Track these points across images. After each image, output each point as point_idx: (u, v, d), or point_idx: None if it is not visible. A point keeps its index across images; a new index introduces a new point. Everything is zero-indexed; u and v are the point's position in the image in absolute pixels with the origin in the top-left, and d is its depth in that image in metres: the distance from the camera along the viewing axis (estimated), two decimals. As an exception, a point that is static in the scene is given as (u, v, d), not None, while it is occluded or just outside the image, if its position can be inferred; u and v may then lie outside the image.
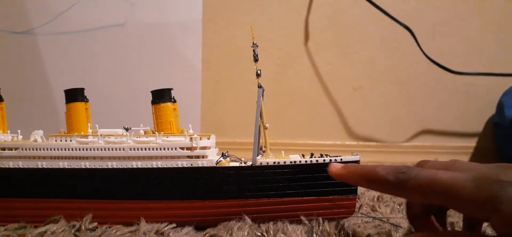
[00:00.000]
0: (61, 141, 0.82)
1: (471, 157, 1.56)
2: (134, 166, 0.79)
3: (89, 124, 0.87)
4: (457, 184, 0.48)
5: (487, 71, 1.51)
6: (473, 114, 1.56)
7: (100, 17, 1.41)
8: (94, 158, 0.80)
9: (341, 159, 0.78)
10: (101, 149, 0.80)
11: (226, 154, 0.84)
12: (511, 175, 0.47)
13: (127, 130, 0.85)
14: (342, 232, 0.70)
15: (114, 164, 0.79)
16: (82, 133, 0.84)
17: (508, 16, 1.54)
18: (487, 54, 1.55)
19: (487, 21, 1.54)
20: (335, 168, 0.62)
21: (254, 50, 0.83)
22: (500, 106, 1.42)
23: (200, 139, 0.80)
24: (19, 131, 0.88)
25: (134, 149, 0.79)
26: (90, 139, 0.82)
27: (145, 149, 0.79)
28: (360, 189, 1.01)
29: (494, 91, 1.48)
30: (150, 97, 0.86)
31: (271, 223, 0.74)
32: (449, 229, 0.67)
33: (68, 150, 0.81)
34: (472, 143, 1.57)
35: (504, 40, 1.55)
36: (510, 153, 1.35)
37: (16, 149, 0.82)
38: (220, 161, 0.79)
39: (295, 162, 0.78)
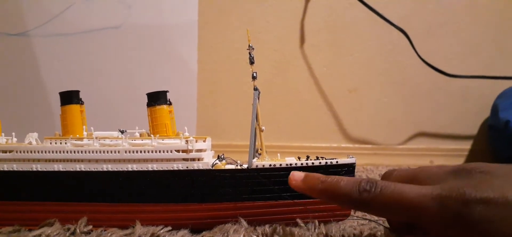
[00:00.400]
0: (56, 143, 0.81)
1: (466, 159, 1.57)
2: (130, 169, 0.79)
3: (84, 127, 0.87)
4: (421, 204, 0.46)
5: (482, 74, 1.52)
6: (468, 116, 1.57)
7: (96, 19, 1.40)
8: (89, 160, 0.80)
9: (337, 162, 0.78)
10: (96, 152, 0.80)
11: (222, 157, 0.84)
12: (478, 189, 0.44)
13: (122, 132, 0.85)
14: (337, 234, 0.70)
15: (109, 167, 0.79)
16: (77, 136, 0.83)
17: (503, 18, 1.55)
18: (482, 57, 1.56)
19: (482, 24, 1.55)
20: (294, 179, 0.57)
21: (250, 53, 0.83)
22: (495, 108, 1.43)
23: (196, 142, 0.79)
24: (13, 133, 0.87)
25: (129, 152, 0.79)
26: (85, 141, 0.82)
27: (141, 152, 0.79)
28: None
29: (489, 94, 1.49)
30: (146, 100, 0.86)
31: (267, 225, 0.74)
32: None
33: (63, 152, 0.80)
34: (467, 145, 1.58)
35: (499, 43, 1.56)
36: (505, 155, 1.36)
37: (10, 151, 0.81)
38: (216, 164, 0.79)
39: (291, 164, 0.78)
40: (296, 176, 0.57)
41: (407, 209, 0.47)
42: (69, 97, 0.86)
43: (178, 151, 0.79)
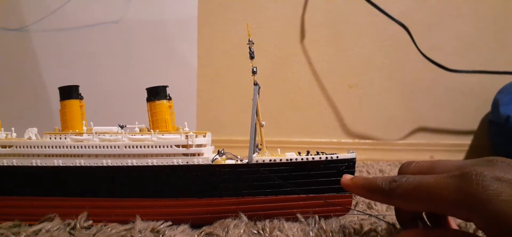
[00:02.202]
0: (55, 138, 0.81)
1: (466, 154, 1.57)
2: (129, 164, 0.78)
3: (84, 121, 0.86)
4: (439, 186, 0.48)
5: (483, 69, 1.52)
6: (468, 112, 1.57)
7: (95, 13, 1.40)
8: (89, 155, 0.79)
9: (337, 157, 0.78)
10: (96, 147, 0.79)
11: (222, 152, 0.84)
12: (496, 171, 0.46)
13: (122, 127, 0.84)
14: (338, 229, 0.70)
15: (109, 162, 0.79)
16: (77, 131, 0.83)
17: (503, 14, 1.55)
18: (482, 52, 1.55)
19: (482, 19, 1.55)
20: (345, 179, 0.65)
21: (250, 48, 0.83)
22: (495, 104, 1.43)
23: (196, 137, 0.79)
24: (13, 128, 0.87)
25: (129, 147, 0.79)
26: (85, 136, 0.81)
27: (141, 147, 0.79)
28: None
29: (490, 89, 1.49)
30: (145, 95, 0.86)
31: (267, 220, 0.74)
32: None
33: (63, 147, 0.80)
34: (467, 140, 1.58)
35: (499, 38, 1.55)
36: (505, 151, 1.36)
37: (10, 146, 0.81)
38: (216, 159, 0.79)
39: (291, 159, 0.77)
40: (347, 177, 0.65)
41: (425, 194, 0.50)
42: (69, 92, 0.86)
43: (178, 146, 0.79)
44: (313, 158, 0.77)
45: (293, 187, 0.77)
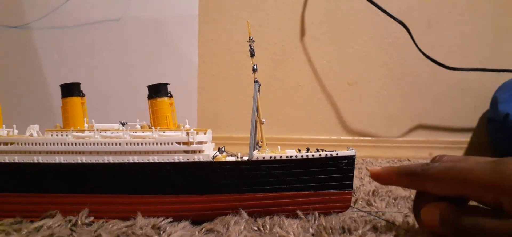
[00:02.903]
0: (57, 135, 0.81)
1: (465, 151, 1.58)
2: (131, 161, 0.79)
3: (85, 119, 0.87)
4: (473, 168, 0.53)
5: (482, 67, 1.52)
6: (467, 109, 1.57)
7: (96, 11, 1.40)
8: (90, 152, 0.80)
9: (336, 154, 0.78)
10: (97, 144, 0.80)
11: (223, 149, 0.84)
12: None
13: (123, 124, 0.85)
14: (337, 226, 0.71)
15: (111, 159, 0.79)
16: (78, 128, 0.84)
17: (503, 12, 1.55)
18: (481, 50, 1.56)
19: (482, 17, 1.55)
20: (375, 169, 0.67)
21: (250, 45, 0.83)
22: (494, 101, 1.43)
23: (197, 134, 0.80)
24: (14, 125, 0.87)
25: (130, 144, 0.79)
26: (86, 133, 0.82)
27: (142, 144, 0.79)
28: (355, 184, 1.02)
29: (489, 87, 1.49)
30: (147, 92, 0.86)
31: (267, 217, 0.75)
32: None
33: (64, 144, 0.80)
34: (466, 137, 1.58)
35: (498, 36, 1.56)
36: (504, 148, 1.37)
37: (11, 143, 0.81)
38: (216, 156, 0.80)
39: (291, 156, 0.78)
40: (376, 167, 0.69)
41: (460, 173, 0.54)
42: (70, 90, 0.86)
43: (179, 143, 0.79)
44: (313, 155, 0.78)
45: (293, 184, 0.77)
